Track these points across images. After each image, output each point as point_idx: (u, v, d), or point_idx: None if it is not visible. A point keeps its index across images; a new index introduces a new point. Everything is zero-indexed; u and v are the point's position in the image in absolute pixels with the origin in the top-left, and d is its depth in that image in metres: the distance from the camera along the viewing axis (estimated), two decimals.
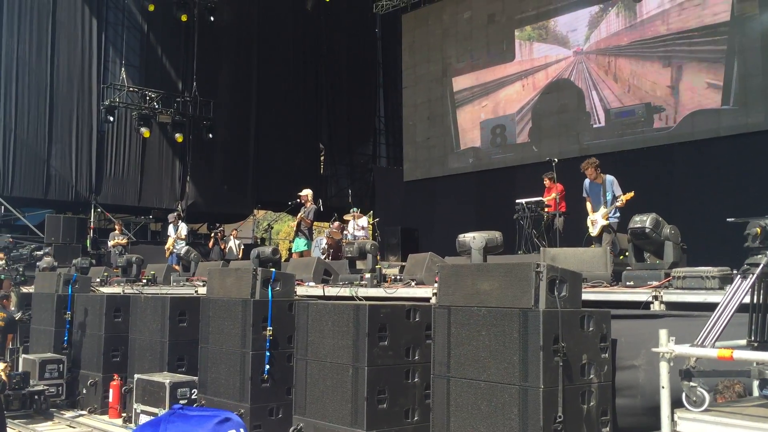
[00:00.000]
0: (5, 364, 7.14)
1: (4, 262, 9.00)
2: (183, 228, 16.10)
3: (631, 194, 9.39)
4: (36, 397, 8.77)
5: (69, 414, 8.86)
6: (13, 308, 8.70)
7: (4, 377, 6.81)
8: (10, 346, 8.60)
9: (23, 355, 9.52)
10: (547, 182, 12.12)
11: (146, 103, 19.16)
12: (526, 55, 18.03)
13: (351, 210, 14.69)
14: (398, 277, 8.34)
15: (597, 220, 9.67)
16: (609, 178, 9.73)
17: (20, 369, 8.97)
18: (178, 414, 5.83)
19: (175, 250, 15.55)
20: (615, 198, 9.54)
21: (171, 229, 16.33)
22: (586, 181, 9.94)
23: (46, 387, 8.97)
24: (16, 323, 8.53)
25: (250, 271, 6.95)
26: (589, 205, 9.92)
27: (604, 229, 9.59)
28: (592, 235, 9.73)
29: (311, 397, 5.97)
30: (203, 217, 21.57)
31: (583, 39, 16.74)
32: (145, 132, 18.76)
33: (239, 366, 6.74)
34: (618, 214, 9.64)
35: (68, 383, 9.30)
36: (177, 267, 12.39)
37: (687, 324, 4.64)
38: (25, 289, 10.10)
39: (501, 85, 18.52)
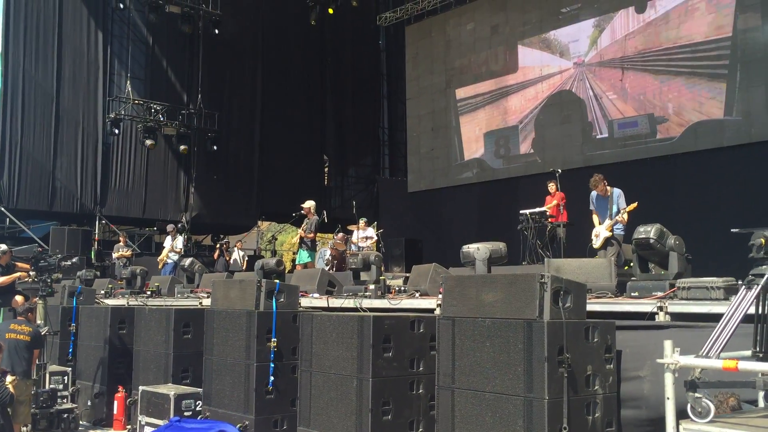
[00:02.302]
0: (13, 377, 7.13)
1: (34, 273, 8.78)
2: (179, 241, 16.23)
3: (633, 206, 9.38)
4: (64, 415, 8.33)
5: None
6: (39, 321, 8.51)
7: (12, 390, 6.81)
8: (37, 362, 8.26)
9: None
10: (552, 188, 12.15)
11: (151, 116, 19.23)
12: (529, 66, 18.09)
13: (360, 219, 14.70)
14: (402, 289, 8.35)
15: (600, 232, 9.67)
16: (616, 191, 9.73)
17: (47, 386, 8.52)
18: (174, 427, 5.83)
19: (168, 261, 15.69)
20: (619, 212, 9.54)
21: (168, 240, 16.44)
22: (593, 194, 9.94)
23: (74, 405, 8.69)
24: (42, 338, 8.36)
25: (255, 282, 6.96)
26: (595, 218, 9.92)
27: (607, 241, 9.58)
28: (594, 247, 9.72)
29: (316, 409, 5.97)
30: (207, 228, 21.60)
31: (586, 50, 16.80)
32: (150, 144, 18.83)
33: (244, 377, 6.74)
34: (622, 227, 9.63)
35: (73, 395, 9.27)
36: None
37: (692, 335, 4.62)
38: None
39: (504, 95, 18.58)
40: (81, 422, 8.92)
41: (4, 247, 10.00)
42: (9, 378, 7.06)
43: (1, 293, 9.66)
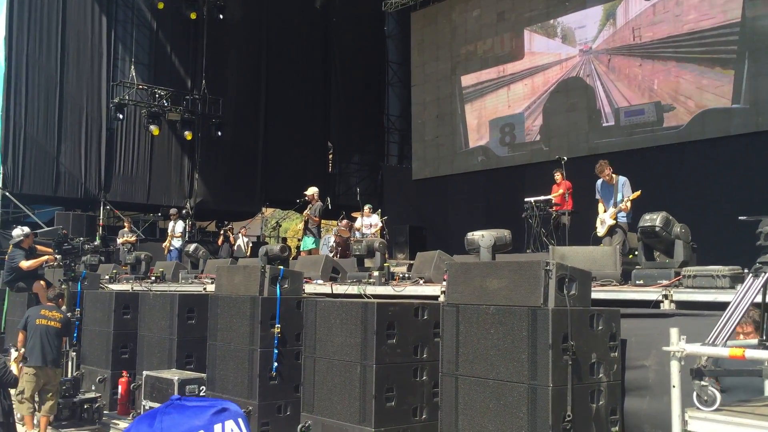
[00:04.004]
0: (18, 353, 7.07)
1: (60, 257, 8.62)
2: (179, 225, 16.22)
3: (636, 194, 9.34)
4: (86, 405, 8.28)
5: (123, 425, 8.36)
6: (63, 307, 8.41)
7: (16, 371, 6.79)
8: (63, 349, 8.05)
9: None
10: (558, 177, 12.12)
11: (155, 101, 19.20)
12: (536, 54, 17.96)
13: (365, 207, 14.66)
14: (406, 275, 8.33)
15: (605, 219, 9.65)
16: (621, 179, 9.70)
17: (71, 374, 8.44)
18: (175, 405, 5.83)
19: (172, 249, 15.70)
20: (623, 199, 9.51)
21: (171, 225, 16.45)
22: (599, 182, 9.91)
23: (98, 394, 8.57)
24: (71, 325, 8.24)
25: (259, 268, 6.95)
26: (601, 206, 9.90)
27: (612, 228, 9.55)
28: (599, 235, 9.70)
29: (319, 395, 5.98)
30: (211, 214, 21.62)
31: (593, 37, 16.66)
32: (154, 130, 18.79)
33: (247, 363, 6.76)
34: (627, 214, 9.60)
35: (78, 380, 9.29)
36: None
37: (697, 323, 4.61)
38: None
39: (510, 83, 18.47)
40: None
41: (26, 229, 9.83)
42: (13, 354, 6.99)
43: (26, 277, 9.60)
